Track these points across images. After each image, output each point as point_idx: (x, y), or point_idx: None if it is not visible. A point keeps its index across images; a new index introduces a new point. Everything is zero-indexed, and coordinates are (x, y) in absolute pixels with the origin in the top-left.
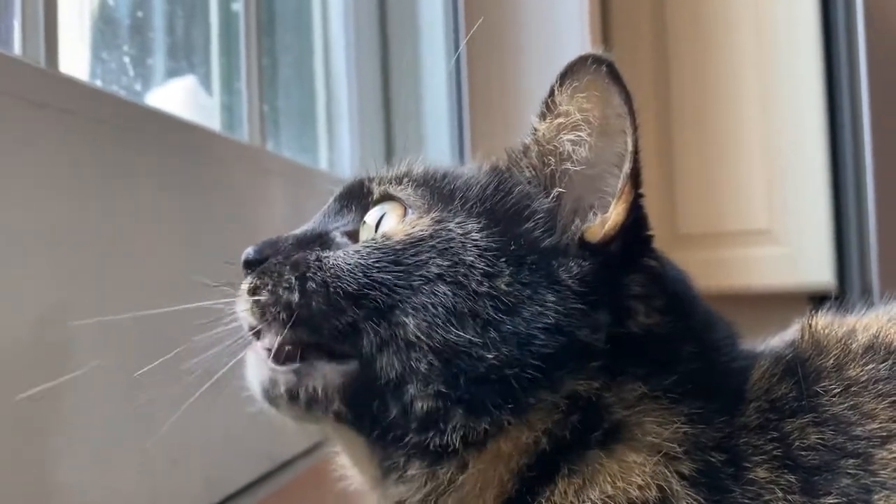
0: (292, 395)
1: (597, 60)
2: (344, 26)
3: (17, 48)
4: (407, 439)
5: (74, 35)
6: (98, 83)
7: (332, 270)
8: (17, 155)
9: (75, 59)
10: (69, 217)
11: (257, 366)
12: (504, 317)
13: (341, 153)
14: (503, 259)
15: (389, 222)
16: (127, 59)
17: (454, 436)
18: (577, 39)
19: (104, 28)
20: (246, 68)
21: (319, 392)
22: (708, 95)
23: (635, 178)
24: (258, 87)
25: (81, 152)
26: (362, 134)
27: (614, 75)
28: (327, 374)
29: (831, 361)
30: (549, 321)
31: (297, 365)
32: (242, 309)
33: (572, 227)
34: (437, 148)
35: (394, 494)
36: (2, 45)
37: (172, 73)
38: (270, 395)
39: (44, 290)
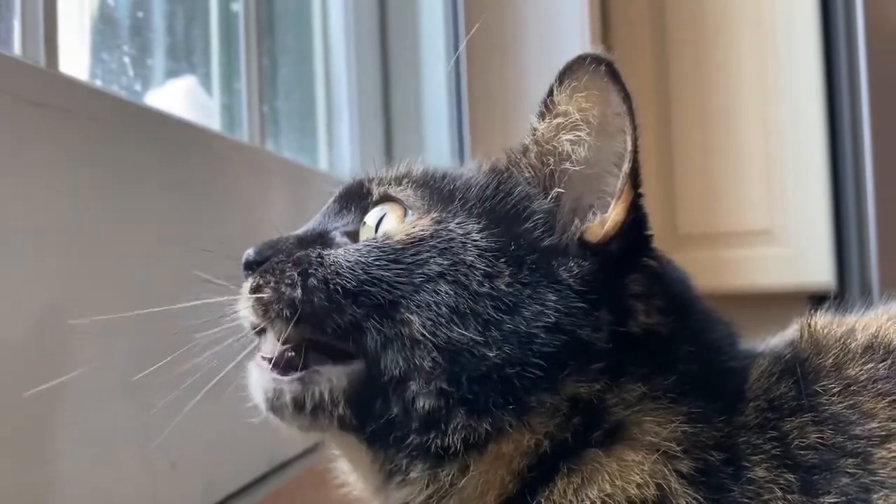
0: (298, 404)
1: (595, 60)
2: (344, 27)
3: (17, 48)
4: (409, 440)
5: (74, 35)
6: (98, 83)
7: (332, 267)
8: (16, 154)
9: (75, 60)
10: (68, 216)
11: (260, 377)
12: (505, 316)
13: (341, 153)
14: (503, 259)
15: (389, 223)
16: (127, 60)
17: (455, 437)
18: (577, 40)
19: (104, 28)
20: (246, 69)
21: (326, 397)
22: (707, 95)
23: (634, 177)
24: (258, 88)
25: (80, 152)
26: (362, 134)
27: (613, 74)
28: (333, 378)
29: (830, 361)
30: (549, 320)
31: (301, 373)
32: (244, 308)
33: (572, 227)
34: (436, 148)
35: (396, 498)
36: (2, 44)
37: (172, 73)
38: (275, 406)
39: (42, 289)
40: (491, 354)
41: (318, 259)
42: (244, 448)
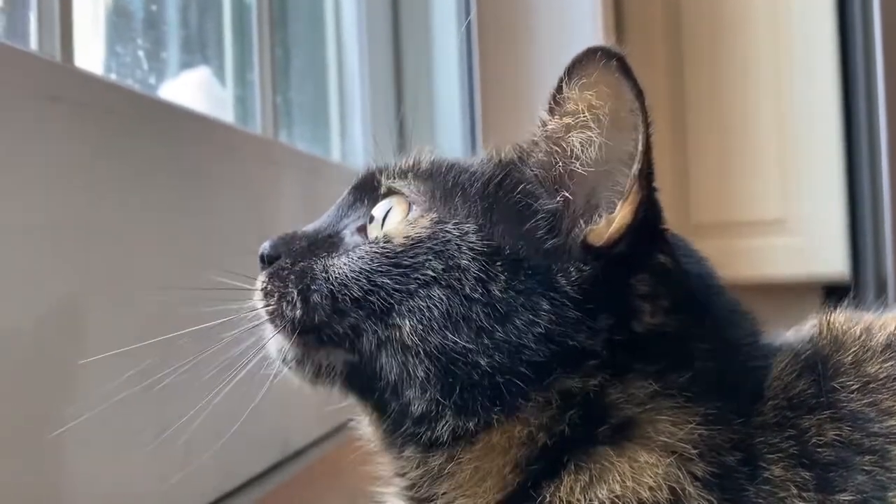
0: (300, 365)
1: (606, 54)
2: (356, 17)
3: (33, 43)
4: (404, 428)
5: (89, 29)
6: (112, 77)
7: (338, 281)
8: (33, 148)
9: (90, 53)
10: (84, 209)
11: (275, 338)
12: (496, 325)
13: (354, 144)
14: (499, 263)
15: (394, 217)
16: (141, 53)
17: (444, 431)
18: (590, 28)
19: (118, 21)
20: (259, 60)
21: (323, 369)
22: (722, 84)
23: (645, 177)
24: (271, 79)
25: (96, 145)
26: (375, 125)
27: (625, 70)
28: (331, 356)
29: (850, 358)
30: (540, 330)
31: (304, 339)
32: (258, 301)
33: (575, 230)
34: (449, 138)
35: (395, 466)
36: (18, 39)
37: (186, 65)
38: (284, 361)
39: (58, 281)
40: (483, 363)
41: (324, 274)
42: (259, 436)
